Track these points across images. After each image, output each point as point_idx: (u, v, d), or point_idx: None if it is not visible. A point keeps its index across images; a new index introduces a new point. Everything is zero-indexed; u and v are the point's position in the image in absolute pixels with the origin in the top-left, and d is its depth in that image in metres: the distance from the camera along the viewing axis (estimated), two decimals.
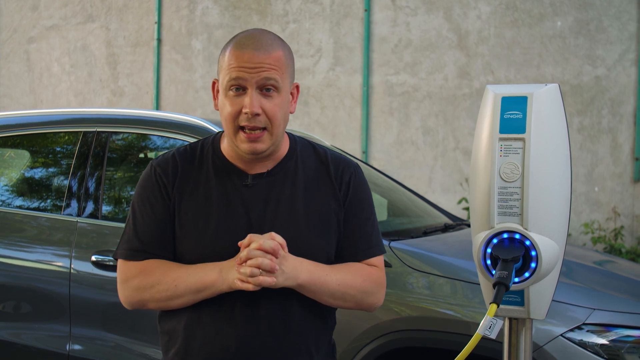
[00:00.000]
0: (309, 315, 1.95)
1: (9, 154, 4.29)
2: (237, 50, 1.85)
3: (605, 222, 7.13)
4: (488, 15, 7.67)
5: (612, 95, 7.17)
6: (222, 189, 1.92)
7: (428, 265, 3.13)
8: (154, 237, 1.91)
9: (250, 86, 1.83)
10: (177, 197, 1.91)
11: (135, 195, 1.97)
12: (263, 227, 1.88)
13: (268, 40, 1.89)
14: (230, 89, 1.85)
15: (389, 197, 4.44)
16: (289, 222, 1.91)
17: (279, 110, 1.87)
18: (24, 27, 10.27)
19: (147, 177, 1.95)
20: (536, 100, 1.86)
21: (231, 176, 1.93)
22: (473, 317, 2.96)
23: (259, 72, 1.83)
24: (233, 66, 1.83)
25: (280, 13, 8.60)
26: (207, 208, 1.89)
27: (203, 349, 1.88)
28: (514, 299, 1.91)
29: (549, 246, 1.85)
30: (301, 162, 2.00)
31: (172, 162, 1.95)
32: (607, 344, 2.80)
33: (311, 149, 2.05)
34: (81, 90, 9.81)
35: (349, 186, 2.01)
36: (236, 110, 1.84)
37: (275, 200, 1.92)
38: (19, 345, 3.68)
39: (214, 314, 1.87)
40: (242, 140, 1.86)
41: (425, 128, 7.91)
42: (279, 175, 1.95)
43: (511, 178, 1.86)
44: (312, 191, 1.97)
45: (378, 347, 3.02)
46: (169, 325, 1.95)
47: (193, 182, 1.93)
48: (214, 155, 1.96)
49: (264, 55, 1.84)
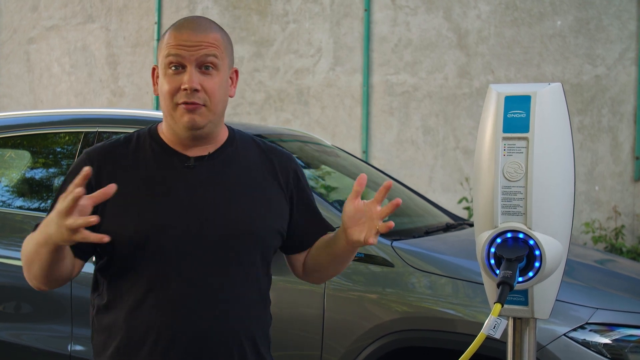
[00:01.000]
0: (251, 303, 1.93)
1: (10, 154, 4.28)
2: (175, 31, 1.88)
3: (606, 222, 7.13)
4: (488, 14, 7.66)
5: (612, 94, 7.17)
6: (163, 171, 1.91)
7: (431, 265, 3.13)
8: None
9: (189, 63, 1.84)
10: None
11: (62, 183, 1.94)
12: (206, 207, 1.88)
13: (206, 22, 1.93)
14: (169, 67, 1.86)
15: (389, 196, 4.44)
16: (234, 203, 1.91)
17: (218, 89, 1.88)
18: (24, 27, 10.27)
19: (76, 164, 1.93)
20: (539, 99, 1.86)
21: (172, 159, 1.92)
22: (474, 316, 2.96)
23: (198, 50, 1.85)
24: (172, 44, 1.86)
25: (280, 13, 8.60)
26: (146, 190, 1.88)
27: (147, 339, 1.85)
28: (518, 298, 1.91)
29: (553, 245, 1.85)
30: (242, 149, 2.01)
31: (103, 151, 1.94)
32: (610, 343, 2.80)
33: (250, 139, 2.07)
34: (81, 90, 9.80)
35: (296, 176, 2.05)
36: (174, 87, 1.85)
37: (217, 181, 1.93)
38: (19, 346, 3.67)
39: (155, 304, 1.84)
40: (182, 113, 1.85)
41: (426, 127, 7.91)
42: (220, 159, 1.95)
43: (515, 177, 1.86)
44: (255, 174, 1.98)
45: (380, 347, 3.01)
46: (106, 321, 1.90)
47: (127, 168, 1.91)
48: (152, 142, 1.95)
49: (202, 35, 1.87)
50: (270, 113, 8.56)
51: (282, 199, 2.01)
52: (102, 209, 1.84)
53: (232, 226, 1.89)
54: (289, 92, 8.52)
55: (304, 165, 4.33)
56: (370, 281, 3.17)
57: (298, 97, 8.47)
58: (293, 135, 4.43)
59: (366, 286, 3.16)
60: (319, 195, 3.55)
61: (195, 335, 1.85)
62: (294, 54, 8.49)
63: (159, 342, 1.84)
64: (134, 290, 1.86)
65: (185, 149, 1.94)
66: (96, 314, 1.93)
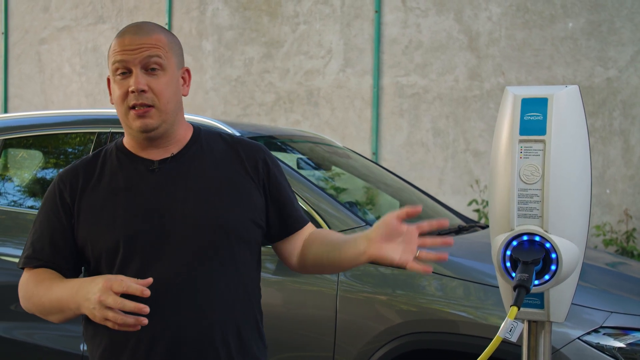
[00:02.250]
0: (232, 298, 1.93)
1: (21, 154, 4.30)
2: (119, 37, 1.93)
3: (617, 225, 7.10)
4: (499, 16, 7.65)
5: (624, 97, 7.14)
6: (128, 178, 1.94)
7: (443, 267, 3.12)
8: (46, 245, 1.95)
9: (134, 66, 1.88)
10: (79, 200, 1.94)
11: (40, 206, 2.03)
12: (175, 208, 1.90)
13: (148, 25, 1.96)
14: (117, 74, 1.91)
15: (400, 198, 4.44)
16: (202, 200, 1.92)
17: (166, 88, 1.91)
18: (35, 28, 10.31)
19: (50, 188, 2.01)
20: (557, 101, 1.86)
21: (136, 165, 1.96)
22: (486, 318, 2.95)
23: (141, 52, 1.89)
24: (116, 51, 1.90)
25: (291, 14, 8.60)
26: (114, 198, 1.91)
27: (128, 343, 1.87)
28: (534, 301, 1.91)
29: (569, 249, 1.84)
30: (207, 146, 2.02)
31: (73, 169, 2.00)
32: (624, 347, 2.78)
33: (217, 135, 2.08)
34: (92, 91, 9.83)
35: (266, 165, 2.04)
36: (124, 91, 1.89)
37: (183, 180, 1.94)
38: (31, 346, 3.68)
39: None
40: (133, 118, 1.90)
41: (436, 129, 7.89)
42: (184, 158, 1.97)
43: (531, 180, 1.86)
44: (223, 169, 1.99)
45: (393, 349, 3.00)
46: (91, 330, 1.93)
47: (96, 180, 1.96)
48: (117, 152, 2.00)
49: (145, 37, 1.91)
50: (280, 114, 8.56)
51: (253, 190, 2.00)
52: (76, 222, 1.93)
53: (202, 222, 1.90)
54: (298, 94, 8.52)
55: (314, 166, 4.33)
56: (381, 283, 3.16)
57: (308, 98, 8.47)
58: (304, 137, 4.43)
59: (377, 288, 3.15)
60: (329, 196, 3.55)
61: (174, 335, 1.86)
62: (304, 55, 8.49)
63: (140, 344, 1.86)
64: None
65: (149, 153, 1.97)
66: (84, 325, 1.97)
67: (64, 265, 1.95)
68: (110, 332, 1.85)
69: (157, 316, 1.83)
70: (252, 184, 2.00)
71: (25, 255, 1.97)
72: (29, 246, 1.98)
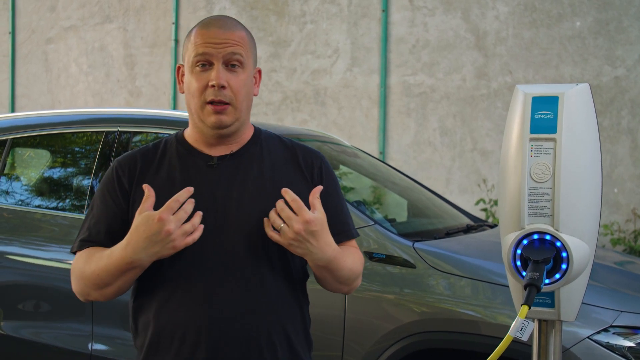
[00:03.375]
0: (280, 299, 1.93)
1: (29, 153, 4.31)
2: (203, 29, 1.92)
3: (625, 224, 7.08)
4: (506, 15, 7.63)
5: (632, 95, 7.12)
6: (186, 171, 1.94)
7: (453, 266, 3.11)
8: (101, 229, 1.94)
9: (217, 60, 1.88)
10: (136, 188, 1.93)
11: (96, 191, 2.02)
12: (230, 205, 1.90)
13: (232, 21, 1.96)
14: (197, 65, 1.90)
15: (408, 197, 4.43)
16: (257, 200, 1.91)
17: (243, 87, 1.91)
18: (42, 27, 10.33)
19: (107, 174, 2.01)
20: (567, 100, 1.85)
21: (195, 159, 1.96)
22: (495, 317, 2.94)
23: (225, 47, 1.88)
24: (199, 43, 1.89)
25: (298, 13, 8.60)
26: (170, 190, 1.89)
27: (174, 336, 1.87)
28: (544, 300, 1.89)
29: (580, 247, 1.83)
30: (266, 148, 2.02)
31: (132, 157, 2.00)
32: (634, 346, 2.77)
33: (276, 138, 2.08)
34: (99, 90, 9.85)
35: (321, 172, 2.03)
36: (203, 84, 1.88)
37: (241, 180, 1.94)
38: (39, 345, 3.69)
39: (182, 301, 1.87)
40: (209, 113, 1.90)
41: (443, 129, 7.88)
42: (244, 157, 1.97)
43: (542, 179, 1.85)
44: (280, 173, 1.98)
45: (402, 349, 3.00)
46: (141, 322, 1.94)
47: (155, 169, 1.96)
48: (177, 145, 2.00)
49: (229, 32, 1.90)
50: (287, 113, 8.56)
51: (307, 193, 1.97)
52: (131, 209, 1.92)
53: (256, 223, 1.89)
54: (305, 93, 8.51)
55: None
56: (389, 282, 3.16)
57: (315, 97, 8.47)
58: (312, 135, 4.42)
59: (385, 287, 3.15)
60: None
61: (221, 332, 1.86)
62: (311, 55, 8.49)
63: (186, 339, 1.86)
64: (161, 290, 1.89)
65: (210, 148, 1.96)
66: (132, 317, 1.98)
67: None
68: (156, 324, 1.88)
69: (204, 312, 1.85)
70: (308, 188, 1.98)
71: (81, 238, 1.96)
72: (85, 230, 1.97)
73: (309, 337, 2.03)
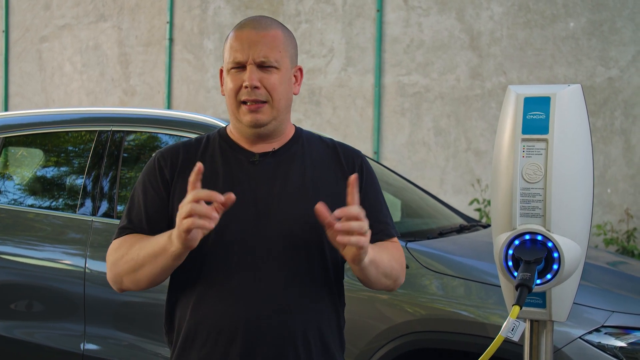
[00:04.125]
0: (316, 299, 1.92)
1: (21, 152, 4.30)
2: (238, 30, 1.96)
3: (618, 224, 7.10)
4: (500, 16, 7.64)
5: (625, 96, 7.13)
6: (228, 166, 1.96)
7: (446, 266, 3.12)
8: (142, 219, 1.95)
9: (249, 63, 1.90)
10: (177, 179, 1.95)
11: (137, 181, 2.04)
12: (271, 202, 1.91)
13: (267, 20, 1.98)
14: (232, 68, 1.93)
15: (402, 197, 4.43)
16: (298, 198, 1.93)
17: (279, 85, 1.93)
18: (36, 26, 10.30)
19: (149, 164, 2.03)
20: (559, 100, 1.85)
21: (237, 154, 1.98)
22: (487, 317, 2.94)
23: (256, 50, 1.90)
24: (234, 48, 1.93)
25: (293, 13, 8.60)
26: (212, 184, 1.90)
27: (210, 331, 1.88)
28: (536, 300, 1.90)
29: (572, 248, 1.84)
30: (308, 147, 2.04)
31: (175, 149, 2.02)
32: (625, 346, 2.78)
33: (317, 137, 2.10)
34: (93, 89, 9.83)
35: (362, 170, 2.04)
36: (237, 85, 1.92)
37: (282, 177, 1.95)
38: (32, 345, 3.68)
39: (218, 297, 1.87)
40: (244, 113, 1.92)
41: (437, 129, 7.89)
42: (285, 155, 1.99)
43: (534, 179, 1.85)
44: (321, 171, 2.00)
45: (394, 349, 3.00)
46: (176, 317, 1.95)
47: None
48: (220, 140, 2.03)
49: (262, 33, 1.93)
50: None
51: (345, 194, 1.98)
52: (172, 200, 1.94)
53: (295, 221, 1.90)
54: (300, 92, 8.50)
55: None
56: None
57: (310, 97, 8.47)
58: None
59: None
60: None
61: (256, 329, 1.86)
62: (306, 54, 8.49)
63: (222, 334, 1.87)
64: (198, 284, 1.90)
65: (251, 145, 1.99)
66: (167, 312, 1.99)
67: None
68: (192, 318, 1.89)
69: (241, 308, 1.86)
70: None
71: (121, 226, 1.97)
72: (125, 218, 1.98)
73: (343, 338, 2.03)
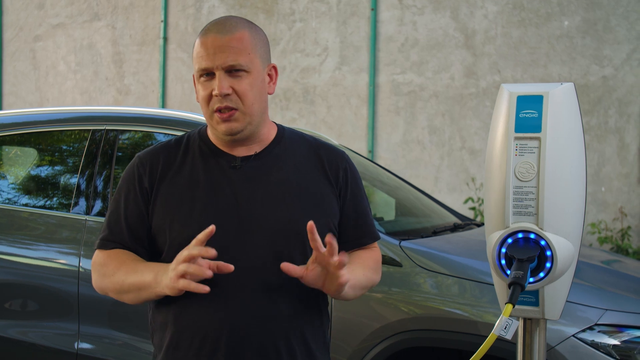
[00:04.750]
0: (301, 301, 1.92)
1: (15, 151, 4.29)
2: (202, 36, 1.90)
3: (612, 223, 7.11)
4: (495, 14, 7.65)
5: (619, 95, 7.15)
6: (209, 172, 1.93)
7: (439, 265, 3.12)
8: (123, 228, 1.93)
9: (217, 69, 1.86)
10: (157, 186, 1.93)
11: (117, 187, 2.01)
12: (253, 207, 1.88)
13: (232, 22, 1.92)
14: (201, 76, 1.89)
15: (396, 196, 4.43)
16: (281, 202, 1.90)
17: (250, 90, 1.88)
18: (30, 25, 10.28)
19: (128, 170, 1.99)
20: (552, 99, 1.85)
21: (218, 159, 1.95)
22: (481, 316, 2.95)
23: (222, 56, 1.85)
24: (200, 55, 1.88)
25: (287, 12, 8.59)
26: (193, 190, 1.89)
27: (195, 336, 1.86)
28: (529, 299, 1.90)
29: (564, 246, 1.84)
30: (290, 148, 2.00)
31: (154, 152, 1.98)
32: (619, 344, 2.78)
33: (300, 137, 2.06)
34: (87, 88, 9.81)
35: (346, 174, 2.02)
36: (207, 94, 1.87)
37: (264, 181, 1.92)
38: (26, 344, 3.67)
39: (203, 302, 1.85)
40: (218, 122, 1.89)
41: (432, 127, 7.89)
42: (267, 159, 1.96)
43: (527, 177, 1.85)
44: (304, 174, 1.97)
45: (388, 347, 3.00)
46: (160, 320, 1.93)
47: (177, 168, 1.95)
48: (200, 142, 1.99)
49: (227, 37, 1.87)
50: (276, 112, 8.55)
51: (331, 196, 1.98)
52: (152, 208, 1.92)
53: (278, 226, 1.88)
54: (295, 91, 8.51)
55: None
56: None
57: (304, 96, 8.47)
58: None
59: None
60: None
61: (241, 335, 1.85)
62: (300, 53, 8.48)
63: (206, 342, 1.86)
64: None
65: (232, 149, 1.95)
66: (152, 313, 1.97)
67: (141, 250, 1.93)
68: (178, 324, 1.87)
69: (225, 313, 1.84)
70: (331, 189, 1.98)
71: (102, 237, 1.96)
72: (105, 227, 1.96)
73: (327, 337, 2.02)
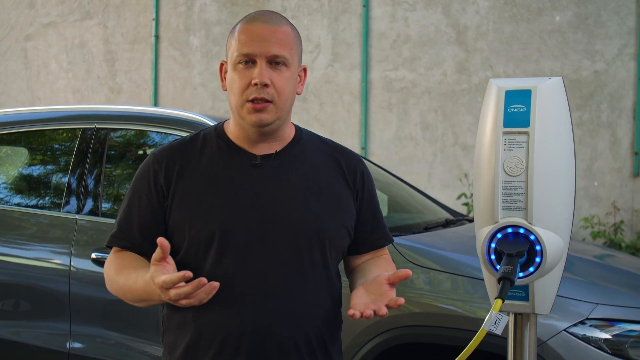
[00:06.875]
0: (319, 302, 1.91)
1: (5, 150, 4.27)
2: (247, 24, 1.87)
3: (605, 217, 7.13)
4: (487, 10, 7.65)
5: (611, 89, 7.16)
6: (229, 169, 1.89)
7: (431, 260, 3.12)
8: (133, 225, 1.90)
9: (260, 58, 1.82)
10: (175, 183, 1.88)
11: (130, 185, 1.97)
12: (273, 206, 1.86)
13: (277, 16, 1.91)
14: (240, 63, 1.84)
15: (389, 192, 4.43)
16: (300, 201, 1.89)
17: (287, 85, 1.86)
18: (21, 24, 10.24)
19: (142, 167, 1.95)
20: (540, 93, 1.85)
21: (238, 157, 1.91)
22: (474, 312, 2.95)
23: (268, 46, 1.83)
24: (243, 40, 1.84)
25: (279, 9, 8.58)
26: (213, 188, 1.86)
27: (215, 337, 1.84)
28: (519, 294, 1.90)
29: (554, 241, 1.83)
30: (308, 148, 1.98)
31: (170, 149, 1.94)
32: (610, 338, 2.79)
33: (317, 138, 2.05)
34: (79, 87, 9.78)
35: (363, 177, 2.02)
36: (245, 82, 1.83)
37: (285, 180, 1.90)
38: (18, 344, 3.66)
39: (223, 302, 1.82)
40: (249, 111, 1.84)
41: (424, 124, 7.90)
42: (287, 157, 1.93)
43: (515, 172, 1.85)
44: (322, 174, 1.96)
45: (381, 344, 3.00)
46: (176, 320, 1.89)
47: (195, 165, 1.91)
48: (218, 139, 1.94)
49: (274, 29, 1.85)
50: None
51: (349, 197, 1.97)
52: (169, 206, 1.87)
53: (299, 225, 1.86)
54: None
55: None
56: None
57: None
58: None
59: None
60: None
61: (263, 334, 1.83)
62: None
63: (227, 342, 1.83)
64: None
65: (252, 146, 1.92)
66: (166, 312, 1.93)
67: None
68: (196, 325, 1.84)
69: (246, 313, 1.81)
70: (349, 192, 1.97)
71: (111, 234, 1.92)
72: (115, 224, 1.92)
73: (340, 338, 2.02)
